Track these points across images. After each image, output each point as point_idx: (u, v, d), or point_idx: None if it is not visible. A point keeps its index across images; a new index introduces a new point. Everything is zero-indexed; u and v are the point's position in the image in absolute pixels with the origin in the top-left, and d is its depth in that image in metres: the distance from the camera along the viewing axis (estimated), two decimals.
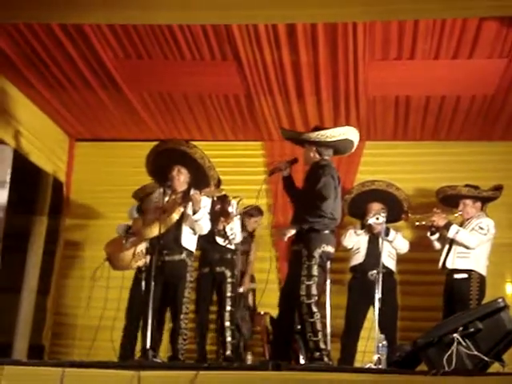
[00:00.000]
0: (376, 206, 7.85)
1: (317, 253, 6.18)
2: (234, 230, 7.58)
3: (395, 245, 7.87)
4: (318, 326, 6.08)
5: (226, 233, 7.48)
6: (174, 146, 6.95)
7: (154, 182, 7.60)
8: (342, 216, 7.99)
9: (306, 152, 6.57)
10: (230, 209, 7.54)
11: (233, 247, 7.63)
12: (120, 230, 7.39)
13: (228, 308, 7.44)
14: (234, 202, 7.56)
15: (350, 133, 6.51)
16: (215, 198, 7.35)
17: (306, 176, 6.57)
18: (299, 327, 6.36)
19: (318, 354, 6.05)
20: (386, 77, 7.62)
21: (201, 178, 6.95)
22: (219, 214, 7.46)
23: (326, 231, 6.28)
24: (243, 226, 8.06)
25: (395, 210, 7.81)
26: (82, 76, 7.88)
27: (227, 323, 7.41)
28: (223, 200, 7.51)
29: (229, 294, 7.47)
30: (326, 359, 6.05)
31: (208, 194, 6.86)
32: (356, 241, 7.97)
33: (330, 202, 6.24)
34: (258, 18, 6.45)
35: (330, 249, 6.31)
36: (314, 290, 6.11)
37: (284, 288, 6.65)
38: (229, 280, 7.50)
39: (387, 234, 7.68)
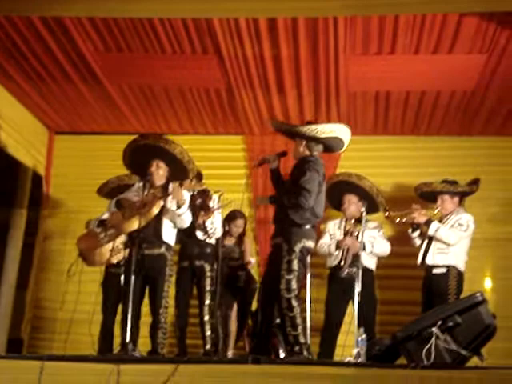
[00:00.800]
0: (353, 198, 7.86)
1: (297, 247, 6.19)
2: (215, 224, 7.56)
3: (376, 252, 7.82)
4: (298, 321, 6.10)
5: (206, 227, 7.47)
6: (151, 142, 6.94)
7: (124, 175, 7.63)
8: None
9: (296, 146, 6.59)
10: (210, 203, 7.53)
11: (213, 241, 7.62)
12: (91, 225, 7.36)
13: (207, 302, 7.42)
14: (215, 196, 7.55)
15: (341, 131, 6.51)
16: (195, 192, 7.35)
17: (292, 169, 6.58)
18: (279, 321, 6.38)
19: (297, 347, 6.07)
20: (366, 71, 7.64)
21: (180, 172, 6.97)
22: (199, 208, 7.45)
23: (308, 226, 6.29)
24: (229, 233, 8.05)
25: (369, 203, 7.80)
26: (61, 69, 7.85)
27: (206, 317, 7.39)
28: (204, 194, 7.50)
29: (208, 288, 7.45)
30: (305, 353, 6.07)
31: (188, 188, 6.86)
32: (331, 243, 7.90)
33: (313, 197, 6.25)
34: (239, 11, 6.46)
35: (311, 244, 6.33)
36: (293, 285, 6.12)
37: (263, 281, 6.65)
38: (208, 274, 7.48)
39: (364, 249, 7.59)
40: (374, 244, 7.74)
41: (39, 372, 5.22)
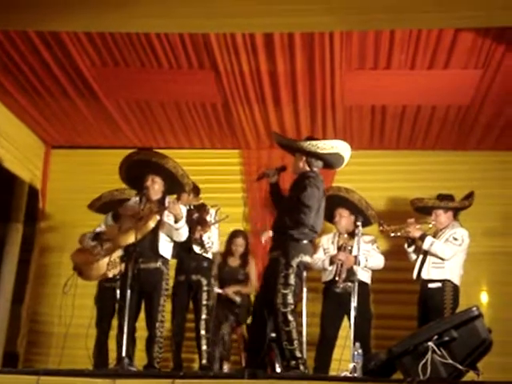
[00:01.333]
0: (344, 212, 7.85)
1: (295, 262, 6.18)
2: (212, 238, 7.56)
3: (370, 266, 7.81)
4: (294, 335, 6.08)
5: (203, 241, 7.46)
6: (144, 157, 6.98)
7: (116, 190, 7.64)
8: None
9: (296, 161, 6.58)
10: (208, 217, 7.54)
11: (210, 256, 7.62)
12: (85, 241, 7.36)
13: (203, 316, 7.41)
14: (212, 210, 7.55)
15: (341, 147, 6.52)
16: (192, 207, 7.37)
17: (292, 185, 6.58)
18: (274, 335, 6.36)
19: (293, 362, 6.06)
20: (362, 86, 7.66)
21: (175, 186, 7.02)
22: (197, 222, 7.46)
23: (305, 241, 6.30)
24: (231, 253, 8.04)
25: (362, 216, 7.79)
26: (58, 83, 7.86)
27: (202, 332, 7.38)
28: (201, 208, 7.52)
29: (204, 303, 7.44)
30: (301, 368, 6.05)
31: (185, 203, 6.89)
32: (325, 258, 7.89)
33: (312, 213, 6.26)
34: (236, 26, 6.49)
35: (308, 259, 6.33)
36: (290, 299, 6.12)
37: (259, 295, 6.65)
38: (205, 288, 7.47)
39: (358, 264, 7.58)
40: (369, 258, 7.72)
41: None
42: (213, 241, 7.55)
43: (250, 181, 8.89)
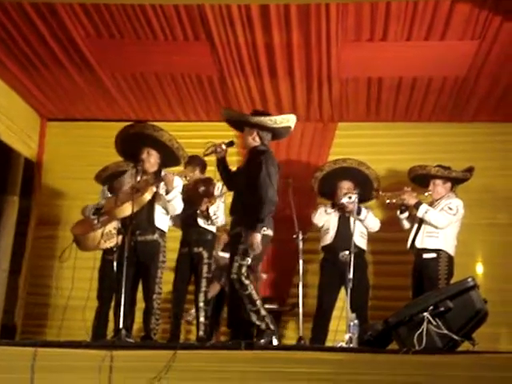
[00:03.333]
0: (347, 185, 7.88)
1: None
2: (218, 212, 7.56)
3: (366, 223, 7.86)
4: (255, 296, 6.07)
5: (209, 214, 7.45)
6: (140, 130, 7.00)
7: (122, 162, 7.63)
8: (313, 195, 8.13)
9: (246, 135, 6.49)
10: (215, 191, 7.51)
11: (213, 229, 7.62)
12: (87, 211, 7.38)
13: (203, 289, 7.43)
14: (219, 184, 7.52)
15: (292, 120, 6.46)
16: (187, 179, 7.36)
17: (246, 161, 6.53)
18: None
19: (263, 324, 6.04)
20: (358, 58, 7.65)
21: (170, 158, 7.07)
22: (203, 195, 7.44)
23: (267, 215, 6.21)
24: None
25: (366, 189, 7.82)
26: (53, 55, 7.83)
27: (201, 304, 7.38)
28: (208, 182, 7.48)
29: (205, 275, 7.44)
30: (271, 327, 6.02)
31: (181, 175, 6.91)
32: (326, 219, 7.96)
33: (272, 189, 6.21)
34: None
35: (270, 232, 6.27)
36: (243, 270, 6.08)
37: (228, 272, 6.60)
38: (205, 261, 7.46)
39: (358, 213, 7.66)
40: (367, 217, 7.82)
41: (32, 358, 5.23)
42: (218, 214, 7.55)
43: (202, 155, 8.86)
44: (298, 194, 8.18)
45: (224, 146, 6.58)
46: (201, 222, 7.51)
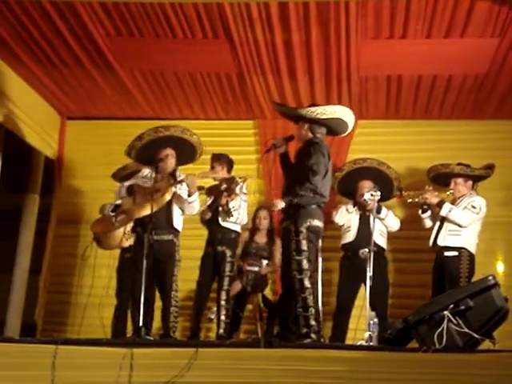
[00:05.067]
0: (367, 184, 7.86)
1: (304, 227, 6.16)
2: (241, 211, 7.55)
3: (387, 222, 7.86)
4: (310, 302, 6.06)
5: (229, 208, 7.44)
6: (172, 133, 6.97)
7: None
8: (332, 194, 8.09)
9: (299, 129, 6.57)
10: (236, 189, 7.50)
11: (237, 229, 7.62)
12: (106, 210, 7.40)
13: (225, 287, 7.44)
14: (241, 184, 7.50)
15: (342, 112, 6.46)
16: (222, 179, 7.39)
17: (297, 153, 6.57)
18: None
19: (305, 330, 6.01)
20: (378, 56, 7.62)
21: (187, 154, 7.11)
22: (224, 192, 7.43)
23: (313, 206, 6.26)
24: (257, 228, 8.03)
25: (386, 189, 7.79)
26: (73, 54, 7.86)
27: (223, 302, 7.41)
28: (230, 180, 7.46)
29: (227, 274, 7.46)
30: (313, 336, 5.98)
31: (202, 176, 6.95)
32: (347, 218, 7.96)
33: (319, 179, 6.24)
34: None
35: (317, 223, 6.27)
36: (304, 265, 6.10)
37: (281, 267, 6.65)
38: (228, 259, 7.48)
39: (379, 212, 7.66)
40: (387, 216, 7.82)
41: (53, 356, 5.27)
42: (240, 212, 7.54)
43: (263, 153, 8.89)
44: None
45: (283, 141, 6.65)
46: (220, 220, 7.51)
